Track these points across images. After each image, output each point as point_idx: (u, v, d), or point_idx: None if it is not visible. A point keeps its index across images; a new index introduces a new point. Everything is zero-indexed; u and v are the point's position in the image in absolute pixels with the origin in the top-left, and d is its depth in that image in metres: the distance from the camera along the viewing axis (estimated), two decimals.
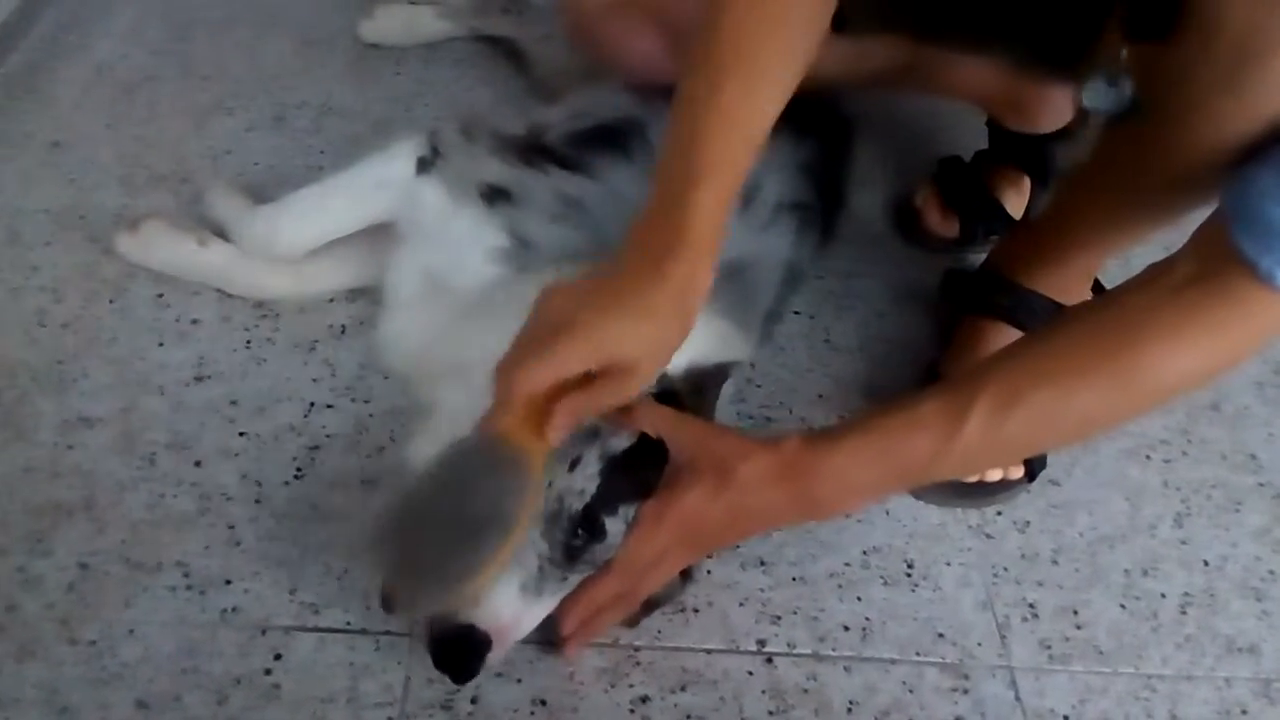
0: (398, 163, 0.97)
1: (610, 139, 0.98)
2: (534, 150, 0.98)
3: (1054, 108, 1.14)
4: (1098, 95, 0.81)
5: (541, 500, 0.75)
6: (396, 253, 0.98)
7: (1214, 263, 0.68)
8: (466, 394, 0.87)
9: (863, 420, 0.76)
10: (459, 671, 0.75)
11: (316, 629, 0.82)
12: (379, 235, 1.00)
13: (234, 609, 0.83)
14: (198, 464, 0.92)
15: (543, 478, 0.73)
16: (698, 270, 0.72)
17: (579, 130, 1.02)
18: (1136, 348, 0.70)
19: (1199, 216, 0.79)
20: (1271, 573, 0.99)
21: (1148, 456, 1.08)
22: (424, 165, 0.97)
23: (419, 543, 0.70)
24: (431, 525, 0.70)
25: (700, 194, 0.71)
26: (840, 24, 0.99)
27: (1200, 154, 0.76)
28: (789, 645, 0.87)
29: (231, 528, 0.88)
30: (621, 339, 0.70)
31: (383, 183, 0.98)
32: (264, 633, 0.82)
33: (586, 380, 0.71)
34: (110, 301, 1.04)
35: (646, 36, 1.05)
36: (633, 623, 0.85)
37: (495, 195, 0.94)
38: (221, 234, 1.05)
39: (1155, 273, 0.73)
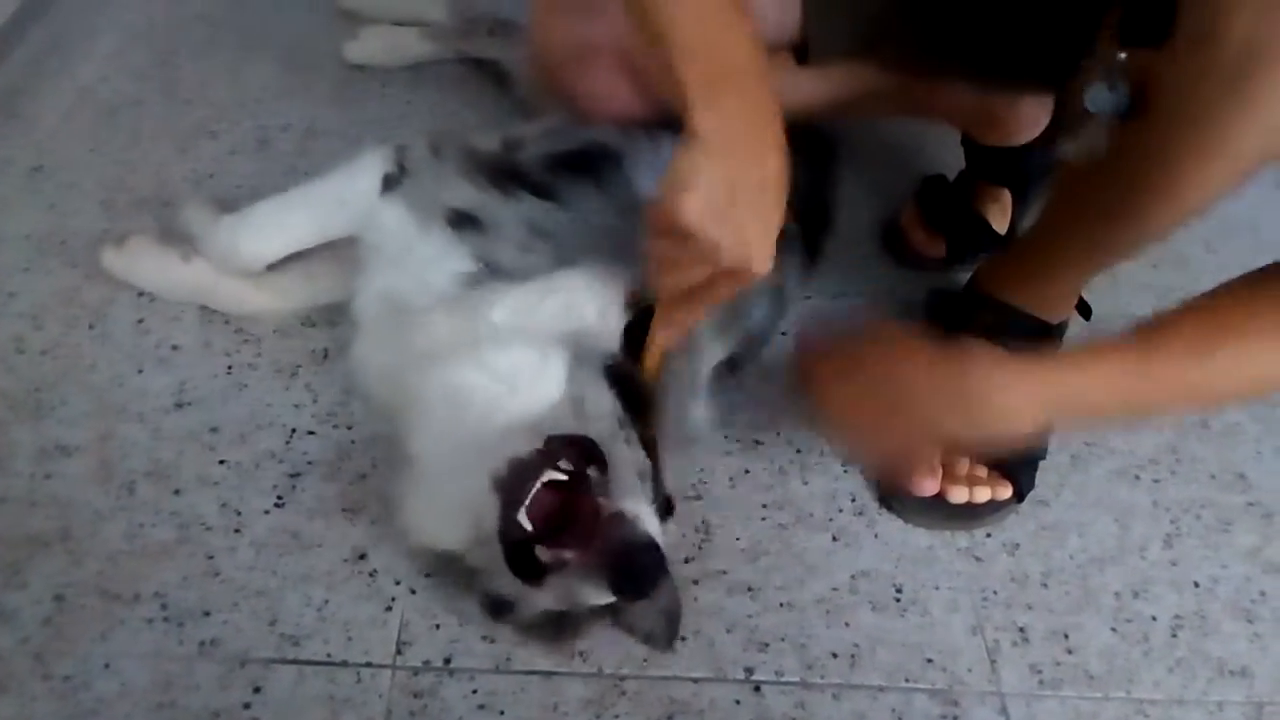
0: (363, 179, 0.96)
1: (584, 165, 0.97)
2: (505, 173, 0.97)
3: (1026, 121, 1.14)
4: (1099, 98, 0.81)
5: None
6: (362, 273, 0.96)
7: None
8: (433, 424, 0.86)
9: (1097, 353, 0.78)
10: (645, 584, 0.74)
11: (296, 661, 0.81)
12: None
13: (212, 641, 0.81)
14: (177, 492, 0.91)
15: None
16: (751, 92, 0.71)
17: (553, 153, 1.00)
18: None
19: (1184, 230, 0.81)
20: (1262, 593, 0.98)
21: (1136, 476, 1.07)
22: (389, 183, 0.96)
23: None
24: None
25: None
26: (803, 55, 0.99)
27: (1208, 167, 0.76)
28: (777, 673, 0.86)
29: (211, 558, 0.87)
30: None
31: (345, 199, 0.97)
32: (243, 665, 0.80)
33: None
34: (90, 327, 1.03)
35: (614, 82, 1.04)
36: (661, 644, 0.85)
37: (462, 221, 0.92)
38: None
39: None
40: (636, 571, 0.72)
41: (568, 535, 0.73)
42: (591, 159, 0.98)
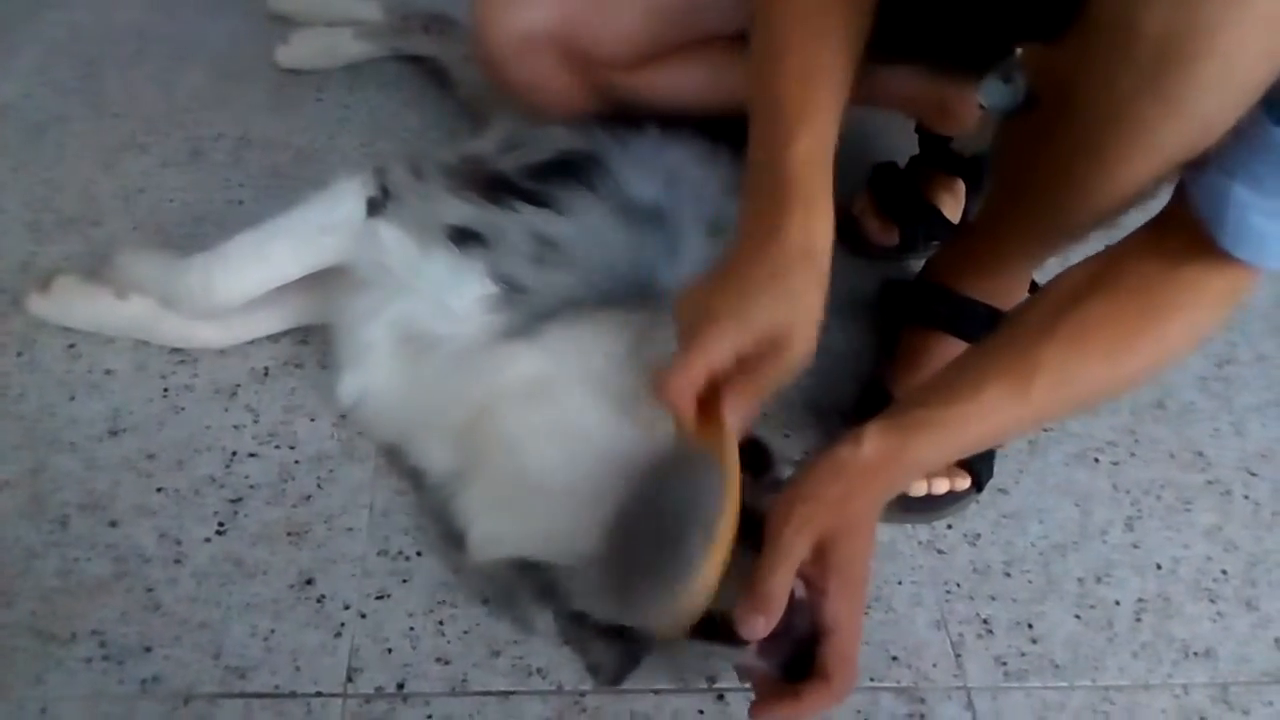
0: (345, 204, 0.92)
1: (570, 171, 0.93)
2: (496, 185, 0.92)
3: (978, 110, 1.13)
4: (993, 93, 0.81)
5: (738, 492, 0.69)
6: (356, 300, 0.91)
7: (1202, 242, 0.70)
8: (458, 450, 0.86)
9: (930, 412, 0.73)
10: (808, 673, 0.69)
11: (243, 694, 0.78)
12: (312, 276, 0.94)
13: (154, 678, 0.78)
14: (113, 524, 0.87)
15: (737, 467, 0.70)
16: (813, 223, 0.73)
17: (535, 162, 0.96)
18: (1165, 320, 0.74)
19: (1135, 215, 0.80)
20: (1224, 572, 0.98)
21: (1096, 460, 1.06)
22: (374, 206, 0.91)
23: (629, 563, 0.70)
24: (637, 543, 0.70)
25: (795, 148, 0.72)
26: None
27: (1132, 158, 0.75)
28: (740, 680, 0.84)
29: (150, 590, 0.83)
30: (760, 311, 0.70)
31: (329, 226, 0.92)
32: (187, 702, 0.78)
33: (746, 365, 0.70)
34: (18, 355, 0.99)
35: (560, 74, 1.02)
36: (606, 679, 0.82)
37: (464, 237, 0.88)
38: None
39: (1153, 237, 0.76)
40: (807, 662, 0.68)
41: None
42: (575, 165, 0.94)
